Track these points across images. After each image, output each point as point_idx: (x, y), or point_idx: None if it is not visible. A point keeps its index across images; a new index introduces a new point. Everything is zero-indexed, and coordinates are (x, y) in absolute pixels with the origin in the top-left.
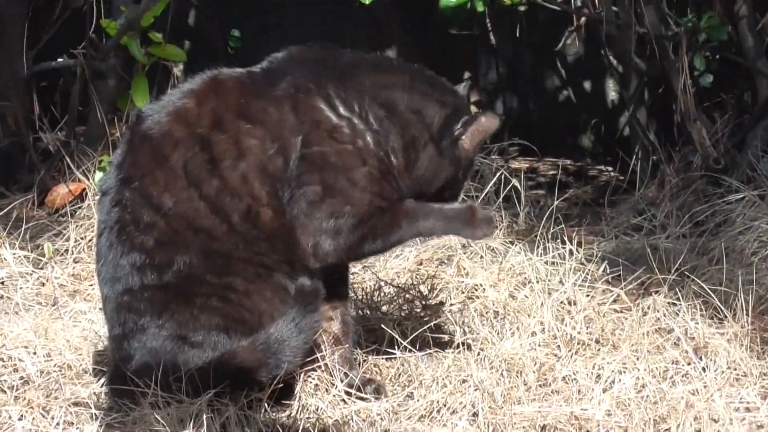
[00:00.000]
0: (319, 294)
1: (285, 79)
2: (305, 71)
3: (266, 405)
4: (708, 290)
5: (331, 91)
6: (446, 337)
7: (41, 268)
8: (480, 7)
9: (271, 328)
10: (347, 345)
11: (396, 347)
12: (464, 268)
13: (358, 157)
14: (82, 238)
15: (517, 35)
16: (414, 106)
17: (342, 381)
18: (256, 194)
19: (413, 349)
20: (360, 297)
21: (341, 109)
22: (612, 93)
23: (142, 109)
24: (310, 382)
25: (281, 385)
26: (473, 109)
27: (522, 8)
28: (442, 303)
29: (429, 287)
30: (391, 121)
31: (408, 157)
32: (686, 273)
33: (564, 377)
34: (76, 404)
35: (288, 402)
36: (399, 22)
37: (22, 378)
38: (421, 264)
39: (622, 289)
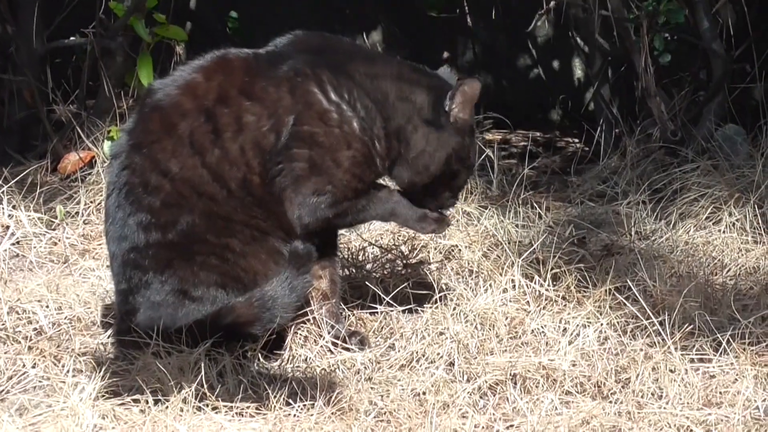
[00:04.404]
0: (311, 257)
1: (286, 63)
2: (305, 57)
3: (259, 355)
4: (665, 251)
5: (325, 78)
6: (425, 293)
7: (53, 229)
8: None
9: (267, 285)
10: (334, 300)
11: (379, 302)
12: None
13: (344, 141)
14: (91, 202)
15: (492, 18)
16: (402, 94)
17: (329, 333)
18: (250, 164)
19: (395, 304)
20: (346, 257)
21: (332, 95)
22: (578, 71)
23: (154, 83)
24: (300, 335)
25: (273, 336)
26: None
27: None
28: (421, 262)
29: (409, 248)
30: (378, 110)
31: (390, 144)
32: (645, 236)
33: (533, 330)
34: (84, 354)
35: (279, 352)
36: (383, 6)
37: (35, 329)
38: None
39: (586, 250)
